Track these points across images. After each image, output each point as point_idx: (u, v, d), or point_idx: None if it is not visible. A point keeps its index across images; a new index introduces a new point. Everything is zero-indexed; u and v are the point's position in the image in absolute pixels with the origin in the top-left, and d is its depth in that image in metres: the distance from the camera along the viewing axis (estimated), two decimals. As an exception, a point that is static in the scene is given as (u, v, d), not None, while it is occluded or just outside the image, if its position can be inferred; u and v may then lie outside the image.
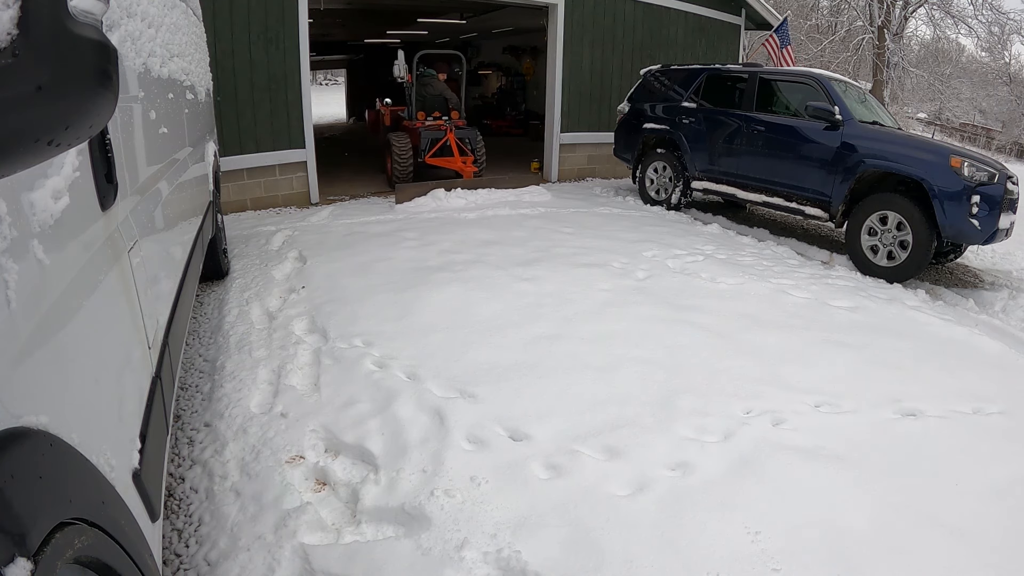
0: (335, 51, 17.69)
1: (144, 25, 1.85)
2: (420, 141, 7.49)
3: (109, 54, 0.65)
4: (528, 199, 6.82)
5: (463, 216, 6.10)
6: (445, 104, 8.13)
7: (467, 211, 6.30)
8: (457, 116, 7.99)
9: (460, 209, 6.35)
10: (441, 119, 7.86)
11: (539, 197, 6.98)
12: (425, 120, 7.84)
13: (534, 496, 2.02)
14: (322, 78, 35.50)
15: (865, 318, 3.75)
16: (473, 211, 6.29)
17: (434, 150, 7.53)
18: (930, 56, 23.68)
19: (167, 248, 2.01)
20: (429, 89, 8.08)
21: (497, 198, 6.78)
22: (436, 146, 7.54)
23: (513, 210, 6.36)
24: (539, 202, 6.82)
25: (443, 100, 8.13)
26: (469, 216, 6.12)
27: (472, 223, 5.80)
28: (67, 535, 0.75)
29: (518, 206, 6.54)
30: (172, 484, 2.17)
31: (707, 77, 6.67)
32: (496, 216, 6.10)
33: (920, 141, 5.29)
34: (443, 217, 6.04)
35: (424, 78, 8.09)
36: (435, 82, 8.12)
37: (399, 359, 2.95)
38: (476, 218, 6.06)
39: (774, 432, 2.43)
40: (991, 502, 2.07)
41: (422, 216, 6.04)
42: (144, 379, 1.39)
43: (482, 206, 6.51)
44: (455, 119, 7.93)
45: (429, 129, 7.60)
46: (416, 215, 6.09)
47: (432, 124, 7.74)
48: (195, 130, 3.17)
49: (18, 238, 0.78)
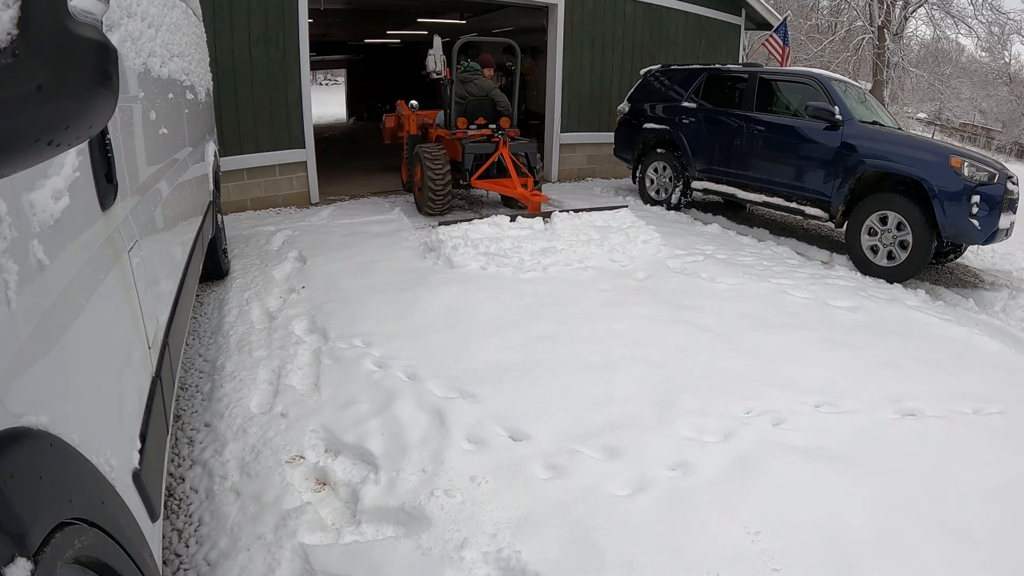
0: (335, 51, 17.68)
1: (144, 25, 1.85)
2: (463, 157, 5.86)
3: (109, 54, 0.65)
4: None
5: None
6: (492, 108, 6.30)
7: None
8: (508, 124, 6.06)
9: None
10: (487, 127, 6.16)
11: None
12: (467, 128, 6.12)
13: (534, 496, 2.02)
14: (322, 78, 35.49)
15: (865, 318, 3.75)
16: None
17: (482, 169, 5.94)
18: (930, 56, 23.67)
19: (167, 248, 2.01)
20: (472, 88, 6.25)
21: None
22: (486, 164, 5.93)
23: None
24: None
25: (490, 103, 6.30)
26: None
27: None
28: (67, 535, 0.75)
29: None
30: (172, 484, 2.17)
31: (707, 77, 6.67)
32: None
33: (920, 141, 5.29)
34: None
35: (466, 74, 6.26)
36: (480, 79, 6.28)
37: (399, 359, 2.95)
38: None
39: (774, 432, 2.43)
40: (991, 502, 2.07)
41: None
42: (144, 379, 1.39)
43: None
44: (506, 128, 6.04)
45: (475, 141, 5.96)
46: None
47: (476, 133, 6.08)
48: (195, 130, 3.17)
49: (18, 238, 0.78)
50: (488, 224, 4.67)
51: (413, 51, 17.28)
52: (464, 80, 6.21)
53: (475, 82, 6.26)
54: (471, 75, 6.25)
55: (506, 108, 6.32)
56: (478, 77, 6.27)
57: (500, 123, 6.06)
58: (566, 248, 4.46)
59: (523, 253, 4.36)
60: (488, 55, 6.52)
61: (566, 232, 4.68)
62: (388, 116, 7.91)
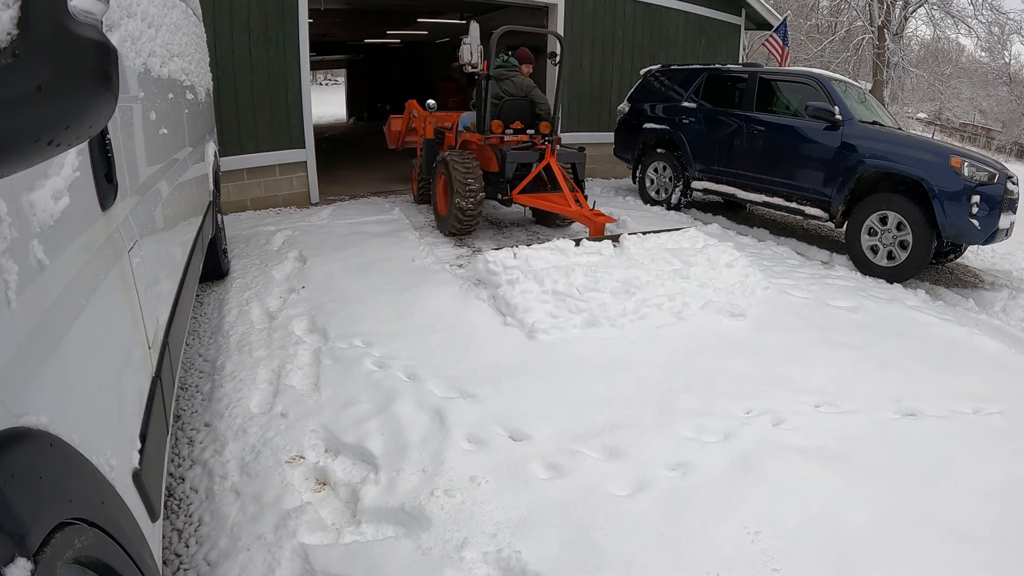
0: (335, 51, 17.69)
1: (144, 25, 1.85)
2: (502, 166, 5.00)
3: (109, 54, 0.65)
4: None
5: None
6: (531, 110, 5.40)
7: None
8: (549, 129, 5.27)
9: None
10: (526, 132, 5.32)
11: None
12: (503, 133, 5.24)
13: (534, 496, 2.02)
14: (322, 78, 35.51)
15: (865, 318, 3.75)
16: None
17: (526, 182, 5.12)
18: (930, 56, 23.68)
19: (167, 248, 2.01)
20: (508, 86, 5.31)
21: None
22: (530, 175, 5.12)
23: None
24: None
25: (528, 105, 5.39)
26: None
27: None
28: (67, 535, 0.75)
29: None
30: (172, 484, 2.17)
31: (707, 77, 6.67)
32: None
33: (920, 141, 5.29)
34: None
35: (502, 69, 5.33)
36: (518, 76, 5.37)
37: (399, 359, 2.95)
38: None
39: (774, 432, 2.43)
40: (991, 502, 2.07)
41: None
42: (144, 379, 1.39)
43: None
44: (546, 132, 5.23)
45: (517, 148, 5.10)
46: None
47: (513, 139, 5.24)
48: (195, 130, 3.17)
49: (18, 238, 0.78)
50: (550, 250, 3.89)
51: (413, 51, 17.34)
52: (500, 77, 5.28)
53: (512, 79, 5.33)
54: (508, 71, 5.35)
55: (547, 111, 5.40)
56: (516, 74, 5.37)
57: (540, 128, 5.26)
58: (652, 280, 3.69)
59: (602, 291, 3.53)
60: (527, 50, 5.56)
61: (642, 258, 3.94)
62: (394, 118, 7.13)
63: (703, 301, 3.65)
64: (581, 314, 3.38)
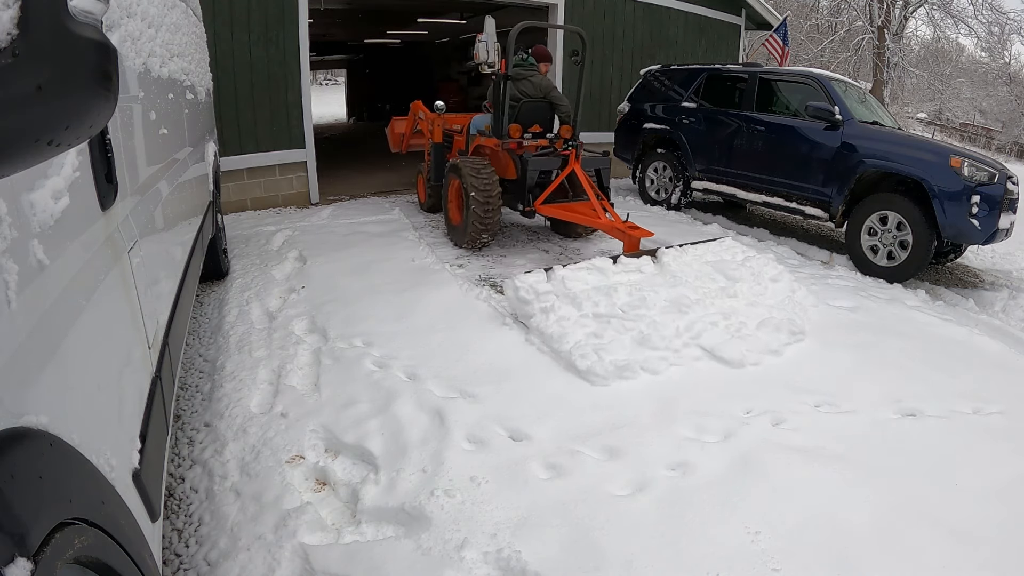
0: (335, 51, 17.69)
1: (144, 25, 1.85)
2: (523, 173, 4.67)
3: (109, 54, 0.65)
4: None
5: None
6: (550, 113, 5.07)
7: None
8: (570, 132, 4.92)
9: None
10: (545, 137, 4.97)
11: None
12: (522, 137, 4.87)
13: (534, 496, 2.02)
14: (322, 78, 35.50)
15: (865, 318, 3.75)
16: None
17: (550, 191, 4.78)
18: (930, 56, 23.68)
19: (167, 248, 2.01)
20: (526, 87, 4.95)
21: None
22: (554, 184, 4.79)
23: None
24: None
25: (547, 107, 5.05)
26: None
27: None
28: (67, 535, 0.75)
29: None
30: (172, 484, 2.17)
31: (707, 77, 6.67)
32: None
33: (920, 141, 5.29)
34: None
35: (519, 68, 4.95)
36: (536, 76, 5.02)
37: (399, 359, 2.95)
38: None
39: (774, 432, 2.43)
40: (991, 502, 2.07)
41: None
42: (144, 379, 1.39)
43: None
44: (567, 136, 4.91)
45: (538, 154, 4.77)
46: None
47: (532, 144, 4.89)
48: (195, 130, 3.17)
49: (18, 238, 0.78)
50: (587, 270, 3.55)
51: (413, 51, 17.34)
52: (517, 77, 4.89)
53: (530, 80, 4.96)
54: (526, 71, 4.97)
55: (567, 114, 5.01)
56: (534, 74, 5.00)
57: (561, 132, 4.93)
58: (701, 299, 3.44)
59: (653, 313, 3.23)
60: (545, 48, 5.20)
61: (685, 275, 3.65)
62: (396, 120, 6.76)
63: (747, 311, 3.43)
64: (629, 338, 3.04)
